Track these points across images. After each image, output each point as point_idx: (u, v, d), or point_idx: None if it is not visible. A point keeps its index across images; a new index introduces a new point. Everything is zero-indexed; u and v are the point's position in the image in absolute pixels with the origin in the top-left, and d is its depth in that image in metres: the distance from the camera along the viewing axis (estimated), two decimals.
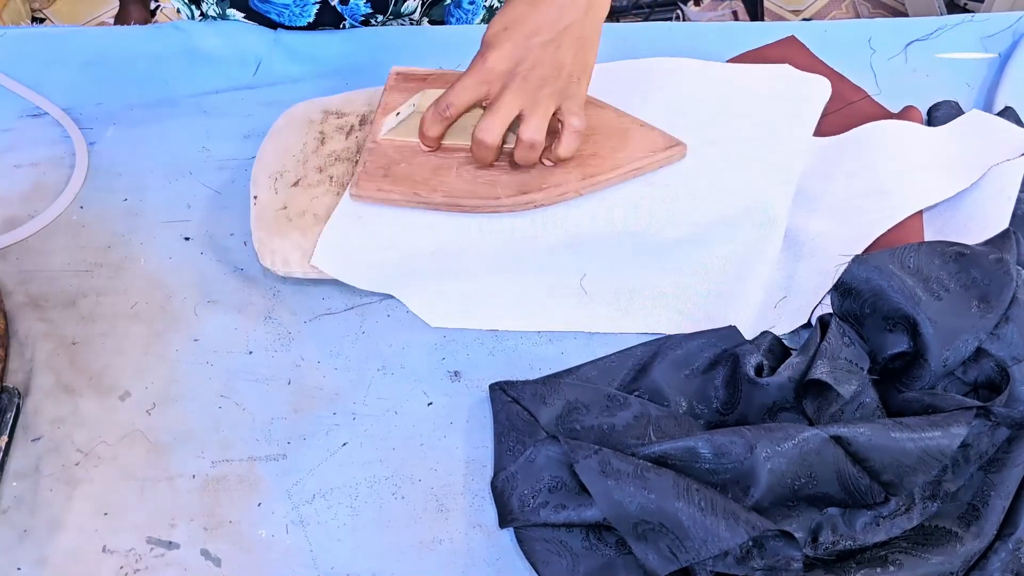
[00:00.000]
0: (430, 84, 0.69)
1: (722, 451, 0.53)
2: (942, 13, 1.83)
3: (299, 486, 0.57)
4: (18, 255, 0.68)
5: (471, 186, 0.63)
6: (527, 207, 0.63)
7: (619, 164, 0.64)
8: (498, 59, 0.58)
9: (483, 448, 0.59)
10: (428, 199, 0.62)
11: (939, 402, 0.56)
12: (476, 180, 0.63)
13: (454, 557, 0.55)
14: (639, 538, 0.51)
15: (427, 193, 0.62)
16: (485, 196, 0.62)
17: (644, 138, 0.66)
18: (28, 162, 0.73)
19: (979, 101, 0.78)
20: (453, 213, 0.63)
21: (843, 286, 0.61)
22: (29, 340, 0.63)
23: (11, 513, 0.56)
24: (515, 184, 0.63)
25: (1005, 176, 0.67)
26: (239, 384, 0.62)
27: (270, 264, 0.64)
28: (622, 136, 0.66)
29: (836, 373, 0.56)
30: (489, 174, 0.63)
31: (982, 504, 0.54)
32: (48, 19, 2.15)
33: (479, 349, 0.64)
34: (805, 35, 0.81)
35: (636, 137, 0.66)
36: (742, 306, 0.64)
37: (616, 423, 0.58)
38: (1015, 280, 0.58)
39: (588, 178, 0.63)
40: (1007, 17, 0.83)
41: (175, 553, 0.55)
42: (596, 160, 0.64)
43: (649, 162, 0.65)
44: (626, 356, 0.63)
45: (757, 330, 0.63)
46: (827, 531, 0.54)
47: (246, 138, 0.74)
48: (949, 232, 0.66)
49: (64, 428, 0.59)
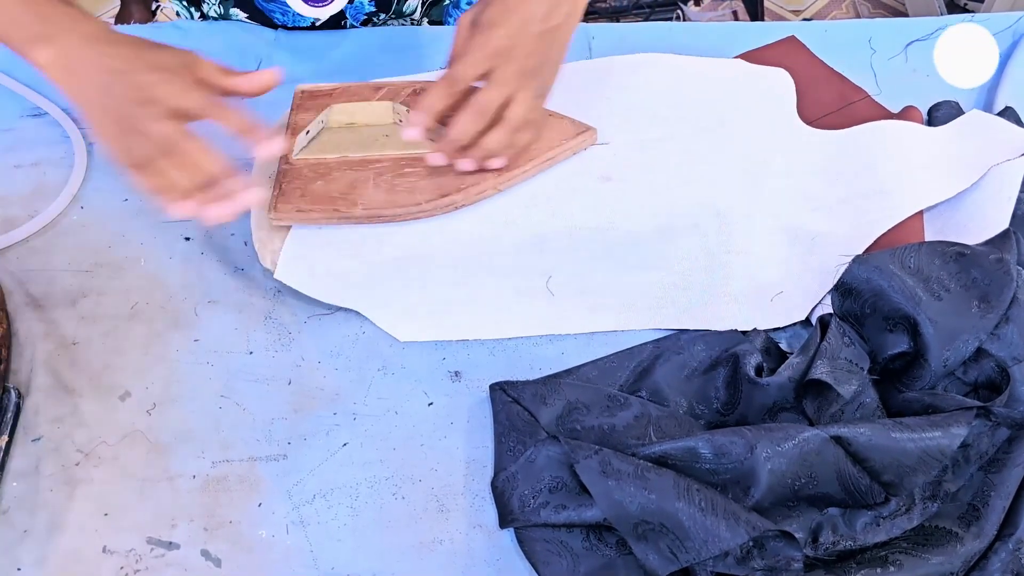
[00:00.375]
0: (336, 99, 0.70)
1: (722, 451, 0.53)
2: (942, 13, 1.83)
3: (299, 486, 0.57)
4: (18, 255, 0.68)
5: (390, 195, 0.63)
6: (449, 209, 0.64)
7: (533, 156, 0.65)
8: (502, 37, 0.59)
9: (483, 448, 0.59)
10: (348, 213, 0.63)
11: (939, 402, 0.56)
12: (395, 189, 0.63)
13: (454, 557, 0.55)
14: (639, 538, 0.51)
15: (347, 208, 0.63)
16: (405, 204, 0.63)
17: (554, 127, 0.67)
18: (28, 162, 0.73)
19: (979, 101, 0.78)
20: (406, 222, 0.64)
21: (843, 286, 0.61)
22: (29, 340, 0.63)
23: (11, 513, 0.56)
24: (433, 188, 0.63)
25: (1005, 176, 0.67)
26: (239, 384, 0.62)
27: (270, 264, 0.64)
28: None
29: (836, 373, 0.56)
30: (407, 181, 0.64)
31: (982, 504, 0.54)
32: None
33: (479, 349, 0.64)
34: (805, 35, 0.81)
35: (546, 126, 0.67)
36: (716, 298, 0.65)
37: (616, 423, 0.58)
38: (1015, 280, 0.58)
39: (504, 174, 0.64)
40: (1007, 17, 0.83)
41: (175, 553, 0.55)
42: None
43: (562, 150, 0.66)
44: (626, 356, 0.63)
45: (749, 323, 0.63)
46: (827, 531, 0.54)
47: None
48: (949, 232, 0.66)
49: (64, 428, 0.59)
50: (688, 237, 0.65)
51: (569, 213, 0.65)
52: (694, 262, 0.65)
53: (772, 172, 0.69)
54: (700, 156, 0.68)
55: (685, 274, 0.65)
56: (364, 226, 0.64)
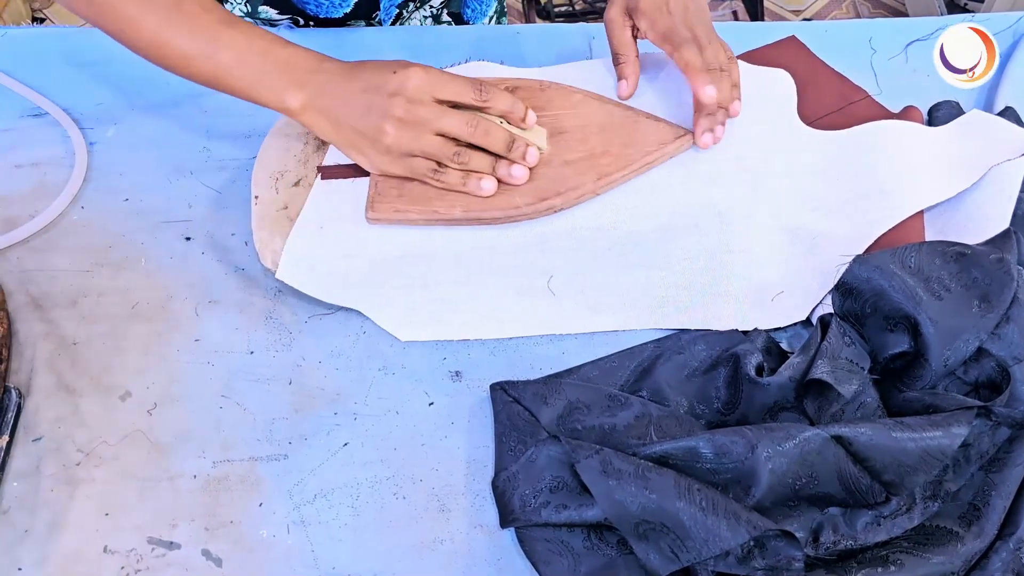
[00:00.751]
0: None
1: (723, 451, 0.53)
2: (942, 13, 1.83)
3: (300, 486, 0.57)
4: (18, 255, 0.68)
5: (489, 198, 0.63)
6: (548, 212, 0.63)
7: (631, 159, 0.65)
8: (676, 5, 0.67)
9: (484, 448, 0.59)
10: (448, 215, 0.62)
11: (940, 402, 0.56)
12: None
13: (455, 557, 0.55)
14: (640, 538, 0.51)
15: (446, 209, 0.62)
16: (504, 207, 0.63)
17: (652, 130, 0.67)
18: (28, 162, 0.73)
19: (979, 101, 0.78)
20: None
21: (844, 286, 0.61)
22: (30, 340, 0.63)
23: (11, 513, 0.56)
24: (533, 191, 0.63)
25: (1005, 176, 0.67)
26: (240, 384, 0.62)
27: (271, 264, 0.64)
28: (629, 130, 0.66)
29: (837, 373, 0.56)
30: (505, 183, 0.63)
31: (983, 504, 0.54)
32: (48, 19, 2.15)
33: (480, 349, 0.64)
34: (805, 35, 0.81)
35: (644, 130, 0.67)
36: (716, 298, 0.65)
37: (617, 423, 0.58)
38: (1016, 280, 0.58)
39: (603, 177, 0.64)
40: (1007, 17, 0.83)
41: (176, 553, 0.55)
42: (608, 158, 0.65)
43: (660, 154, 0.65)
44: (627, 356, 0.63)
45: (749, 323, 0.63)
46: (828, 531, 0.54)
47: (247, 138, 0.74)
48: (949, 232, 0.66)
49: (65, 428, 0.59)
50: (688, 237, 0.66)
51: (570, 213, 0.65)
52: (694, 262, 0.65)
53: (772, 172, 0.69)
54: (700, 156, 0.68)
55: (686, 274, 0.65)
56: (365, 226, 0.64)
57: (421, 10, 0.89)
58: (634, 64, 0.70)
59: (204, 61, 0.61)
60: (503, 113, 0.63)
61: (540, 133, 0.65)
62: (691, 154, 0.68)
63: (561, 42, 0.82)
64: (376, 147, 0.61)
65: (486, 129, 0.61)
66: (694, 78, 0.65)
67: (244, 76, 0.61)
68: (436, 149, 0.61)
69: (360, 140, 0.62)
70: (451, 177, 0.62)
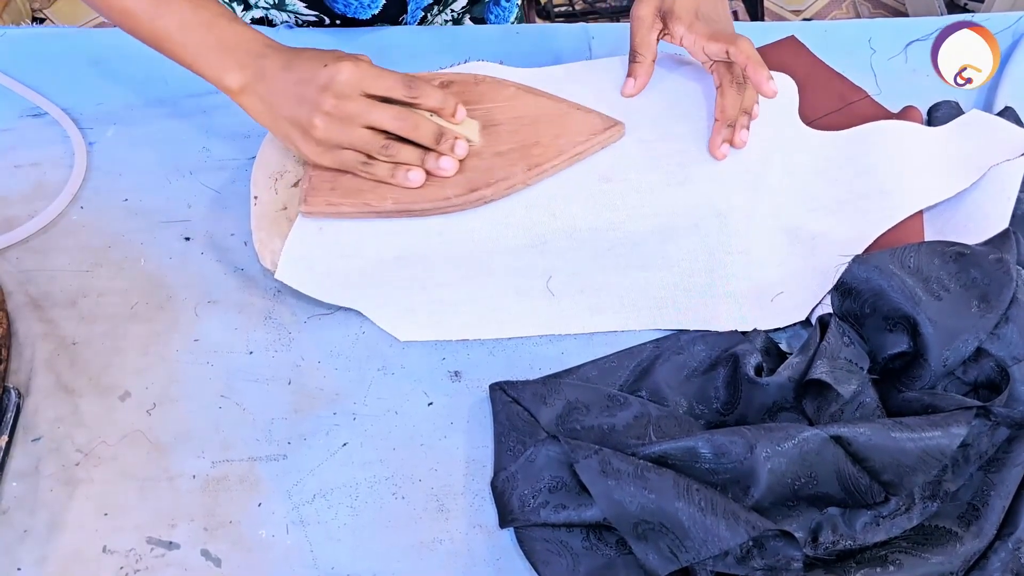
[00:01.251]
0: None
1: (722, 451, 0.53)
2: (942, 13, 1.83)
3: (299, 486, 0.57)
4: (18, 255, 0.68)
5: (420, 190, 0.63)
6: (478, 203, 0.63)
7: (562, 150, 0.65)
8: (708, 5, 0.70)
9: (483, 448, 0.59)
10: (379, 207, 0.63)
11: (939, 402, 0.56)
12: (424, 184, 0.63)
13: (454, 557, 0.55)
14: (639, 538, 0.51)
15: (377, 202, 0.62)
16: (434, 198, 0.63)
17: (583, 121, 0.67)
18: (28, 162, 0.73)
19: (979, 101, 0.78)
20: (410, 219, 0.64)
21: (843, 286, 0.61)
22: (29, 340, 0.63)
23: (11, 513, 0.56)
24: (463, 183, 0.63)
25: (1005, 176, 0.67)
26: (239, 384, 0.62)
27: (270, 264, 0.64)
28: (561, 121, 0.67)
29: (836, 373, 0.56)
30: (436, 177, 0.64)
31: (982, 504, 0.54)
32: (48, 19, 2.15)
33: (479, 349, 0.64)
34: (805, 35, 0.81)
35: (575, 121, 0.67)
36: (716, 298, 0.65)
37: (616, 423, 0.58)
38: (1015, 280, 0.58)
39: (534, 168, 0.64)
40: (1007, 17, 0.83)
41: (175, 553, 0.55)
42: (539, 148, 0.65)
43: (590, 144, 0.66)
44: (626, 356, 0.63)
45: (749, 323, 0.63)
46: (827, 531, 0.54)
47: (246, 138, 0.74)
48: (949, 232, 0.66)
49: (64, 428, 0.59)
50: (688, 237, 0.65)
51: (569, 214, 0.65)
52: (694, 262, 0.65)
53: (772, 172, 0.69)
54: (700, 156, 0.68)
55: (685, 274, 0.65)
56: (365, 225, 0.64)
57: (443, 14, 0.89)
58: (649, 67, 0.70)
59: (146, 22, 0.61)
60: (434, 108, 0.62)
61: (472, 126, 0.65)
62: (690, 155, 0.68)
63: (561, 42, 0.82)
64: (307, 139, 0.61)
65: (415, 123, 0.61)
66: (757, 70, 0.65)
67: (186, 45, 0.61)
68: (365, 142, 0.61)
69: (293, 131, 0.62)
70: (380, 170, 0.62)
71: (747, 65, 0.65)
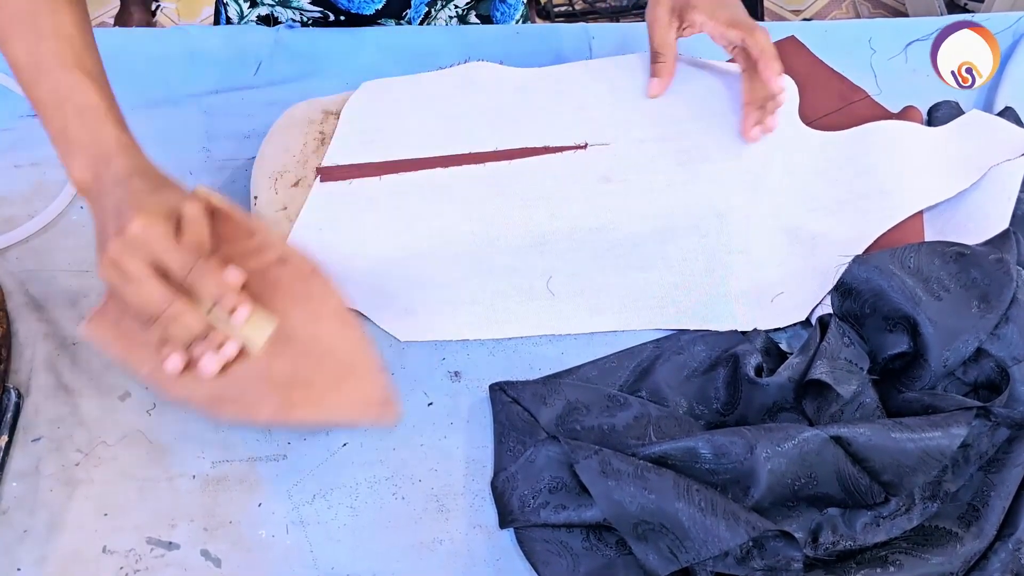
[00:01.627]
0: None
1: (722, 451, 0.53)
2: (942, 13, 1.83)
3: (299, 486, 0.57)
4: (18, 255, 0.68)
5: (174, 377, 0.55)
6: (220, 413, 0.56)
7: (320, 411, 0.57)
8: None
9: (483, 448, 0.59)
10: (135, 367, 0.56)
11: (939, 402, 0.56)
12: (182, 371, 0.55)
13: (454, 558, 0.55)
14: (639, 538, 0.51)
15: (135, 363, 0.55)
16: (177, 392, 0.55)
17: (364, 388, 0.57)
18: (28, 162, 0.73)
19: (979, 101, 0.78)
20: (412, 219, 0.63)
21: (843, 286, 0.61)
22: (29, 340, 0.63)
23: (11, 513, 0.56)
24: (208, 389, 0.55)
25: (1005, 176, 0.67)
26: None
27: None
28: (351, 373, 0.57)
29: (836, 373, 0.56)
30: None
31: (982, 504, 0.54)
32: None
33: (479, 349, 0.64)
34: (805, 35, 0.81)
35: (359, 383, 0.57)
36: (716, 298, 0.65)
37: (616, 423, 0.58)
38: (1015, 280, 0.58)
39: (283, 413, 0.56)
40: (1007, 17, 0.83)
41: (175, 553, 0.55)
42: (304, 394, 0.56)
43: (352, 418, 0.58)
44: (626, 356, 0.63)
45: (749, 323, 0.63)
46: (827, 531, 0.54)
47: (246, 138, 0.74)
48: (949, 232, 0.66)
49: (64, 428, 0.59)
50: (688, 238, 0.66)
51: (569, 214, 0.65)
52: (694, 263, 0.65)
53: (772, 173, 0.69)
54: (700, 156, 0.68)
55: (685, 274, 0.65)
56: (366, 225, 0.64)
57: (446, 9, 0.89)
58: (672, 65, 0.71)
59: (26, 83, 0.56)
60: (213, 298, 0.53)
61: (260, 328, 0.55)
62: (690, 155, 0.68)
63: (561, 42, 0.82)
64: (100, 267, 0.54)
65: (176, 313, 0.52)
66: (768, 64, 0.66)
67: (51, 121, 0.55)
68: (141, 301, 0.52)
69: (98, 252, 0.54)
70: (152, 334, 0.53)
71: (760, 58, 0.65)
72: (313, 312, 0.56)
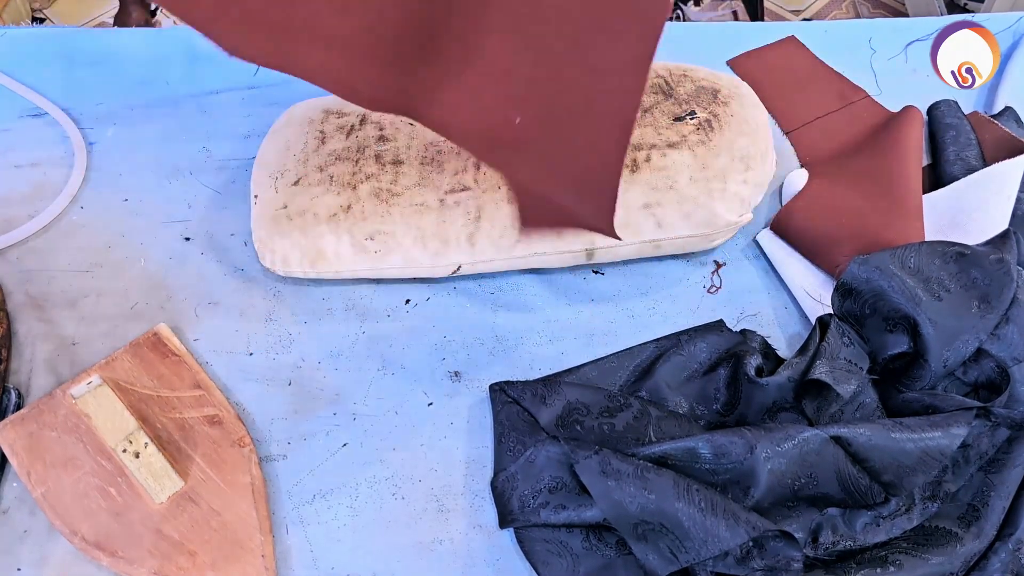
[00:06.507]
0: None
1: (722, 451, 0.53)
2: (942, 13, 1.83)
3: (299, 486, 0.57)
4: (18, 255, 0.68)
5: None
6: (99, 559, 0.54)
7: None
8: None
9: (483, 448, 0.59)
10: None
11: (939, 402, 0.56)
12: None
13: (454, 557, 0.55)
14: (639, 538, 0.51)
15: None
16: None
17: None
18: (28, 162, 0.73)
19: (979, 101, 0.78)
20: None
21: (843, 286, 0.61)
22: (29, 340, 0.63)
23: (11, 513, 0.56)
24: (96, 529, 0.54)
25: (1005, 176, 0.67)
26: (239, 385, 0.62)
27: (270, 264, 0.64)
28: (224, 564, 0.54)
29: (836, 373, 0.56)
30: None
31: (982, 504, 0.54)
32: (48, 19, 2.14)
33: (479, 349, 0.64)
34: (805, 35, 0.81)
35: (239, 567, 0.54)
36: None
37: (616, 423, 0.58)
38: (1015, 280, 0.58)
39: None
40: (1007, 17, 0.83)
41: None
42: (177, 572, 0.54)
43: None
44: (626, 356, 0.63)
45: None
46: (827, 531, 0.54)
47: (246, 138, 0.74)
48: (949, 232, 0.66)
49: None
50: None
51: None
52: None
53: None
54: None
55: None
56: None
57: None
58: None
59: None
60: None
61: (166, 486, 0.55)
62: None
63: None
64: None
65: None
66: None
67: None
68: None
69: None
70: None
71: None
72: (224, 481, 0.56)
